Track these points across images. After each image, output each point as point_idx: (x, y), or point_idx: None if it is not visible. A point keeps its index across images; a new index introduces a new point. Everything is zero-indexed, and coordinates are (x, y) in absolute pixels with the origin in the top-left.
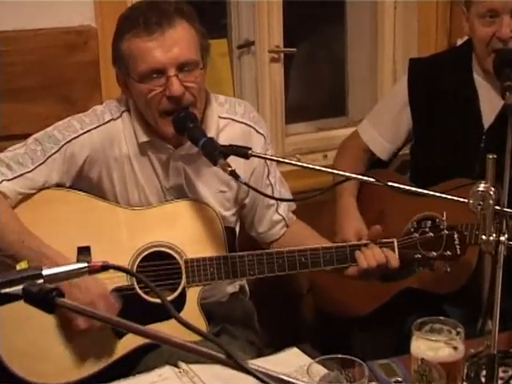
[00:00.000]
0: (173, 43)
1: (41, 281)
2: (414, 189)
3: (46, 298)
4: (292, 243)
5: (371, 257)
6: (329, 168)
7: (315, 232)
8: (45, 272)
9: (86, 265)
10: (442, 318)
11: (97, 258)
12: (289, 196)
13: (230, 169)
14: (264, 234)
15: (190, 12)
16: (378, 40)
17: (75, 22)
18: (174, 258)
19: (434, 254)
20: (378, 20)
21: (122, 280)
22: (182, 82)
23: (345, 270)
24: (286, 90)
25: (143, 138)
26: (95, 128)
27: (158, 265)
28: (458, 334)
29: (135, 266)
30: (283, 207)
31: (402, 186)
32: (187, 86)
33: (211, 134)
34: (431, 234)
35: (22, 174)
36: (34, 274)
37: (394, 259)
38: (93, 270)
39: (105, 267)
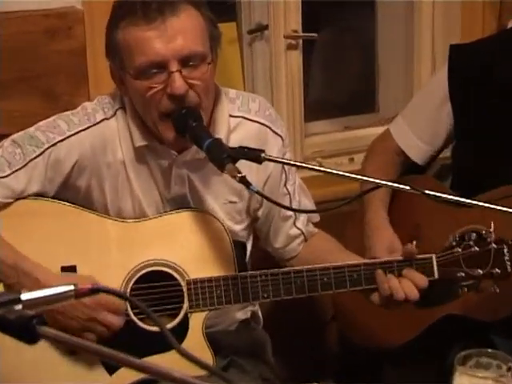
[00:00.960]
0: (176, 33)
1: (19, 307)
2: (456, 198)
3: (25, 326)
4: (312, 260)
5: (397, 287)
6: (356, 174)
7: (340, 245)
8: (24, 296)
9: (72, 288)
10: (489, 350)
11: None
12: (312, 206)
13: (239, 175)
14: (281, 250)
15: None
16: (413, 23)
17: (57, 3)
18: (175, 279)
19: (480, 272)
20: (415, 3)
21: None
22: (185, 78)
23: (371, 294)
24: (306, 82)
25: (140, 142)
26: (85, 129)
27: (156, 287)
28: (508, 369)
29: (129, 289)
30: (302, 219)
31: (441, 195)
32: (192, 83)
33: (221, 135)
34: (476, 249)
35: None
36: (11, 298)
37: (421, 280)
38: (80, 294)
39: (94, 290)
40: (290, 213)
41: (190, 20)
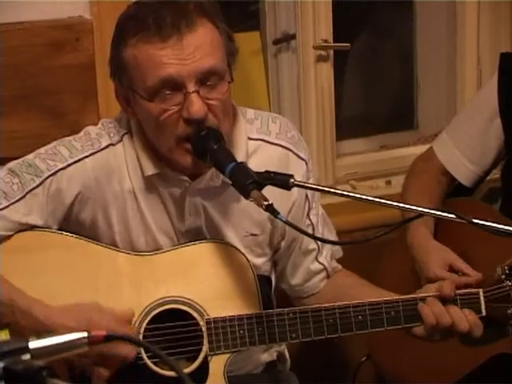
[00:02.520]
0: (193, 50)
1: (27, 356)
2: (507, 227)
3: (34, 379)
4: (336, 297)
5: (443, 311)
6: (394, 199)
7: (365, 280)
8: (32, 345)
9: (85, 335)
10: None
11: None
12: (333, 239)
13: (266, 203)
14: (299, 288)
15: (213, 8)
16: (456, 29)
17: (64, 14)
18: (193, 318)
19: None
20: (457, 5)
21: None
22: (203, 99)
23: (410, 331)
24: (337, 96)
25: (150, 171)
26: (89, 156)
27: (172, 327)
28: None
29: (142, 329)
30: (325, 254)
31: (490, 224)
32: (210, 103)
33: (239, 160)
34: None
35: None
36: (19, 347)
37: (477, 327)
38: (94, 342)
39: (109, 338)
40: (313, 246)
41: (207, 35)
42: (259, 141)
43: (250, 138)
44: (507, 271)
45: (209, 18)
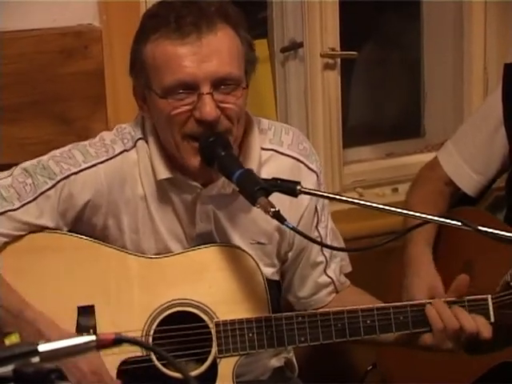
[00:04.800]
0: (211, 52)
1: (37, 359)
2: None
3: (43, 381)
4: None
5: (451, 316)
6: (400, 206)
7: (374, 298)
8: (42, 348)
9: (93, 338)
10: None
11: (103, 320)
12: (344, 256)
13: (273, 209)
14: (305, 300)
15: (236, 15)
16: (463, 40)
17: (73, 21)
18: (203, 321)
19: None
20: (464, 14)
21: (134, 349)
22: (217, 102)
23: (418, 339)
24: (344, 104)
25: (163, 175)
26: (102, 162)
27: (182, 329)
28: None
29: (152, 331)
30: (334, 267)
31: (497, 232)
32: (224, 107)
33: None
34: None
35: (4, 212)
36: (28, 350)
37: (485, 328)
38: (102, 345)
39: (117, 341)
40: (321, 259)
41: (227, 40)
42: (271, 151)
43: (262, 148)
44: None
45: (230, 25)
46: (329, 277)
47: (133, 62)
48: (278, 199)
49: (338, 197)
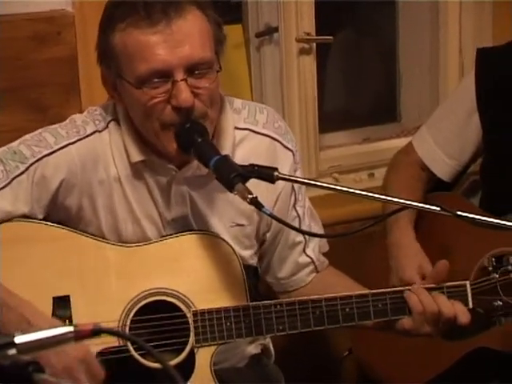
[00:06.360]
0: (182, 37)
1: (13, 351)
2: (492, 220)
3: (20, 374)
4: (322, 293)
5: (430, 299)
6: (377, 191)
7: (355, 282)
8: (18, 340)
9: (71, 329)
10: None
11: (79, 311)
12: (319, 233)
13: (250, 196)
14: (285, 281)
15: None
16: (438, 23)
17: (46, 7)
18: (180, 310)
19: None
20: None
21: (111, 340)
22: (191, 87)
23: (396, 324)
24: (320, 89)
25: (137, 157)
26: (74, 143)
27: (159, 319)
28: None
29: (129, 321)
30: (313, 246)
31: (476, 217)
32: (198, 92)
33: (226, 150)
34: None
35: None
36: (5, 342)
37: (463, 313)
38: (80, 336)
39: (96, 332)
40: (300, 238)
41: (196, 23)
42: (246, 130)
43: (236, 128)
44: (494, 263)
45: (198, 6)
46: (308, 256)
47: (101, 51)
48: (254, 180)
49: (315, 182)
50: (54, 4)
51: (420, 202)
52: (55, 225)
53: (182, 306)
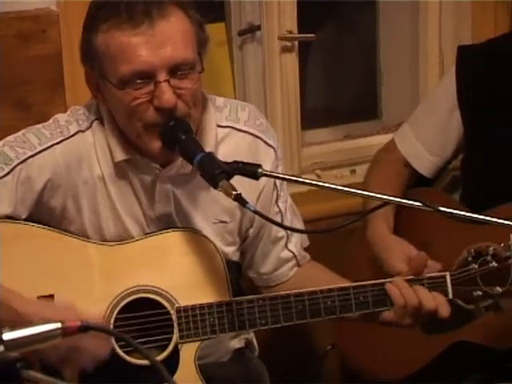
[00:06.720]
0: (165, 39)
1: (1, 348)
2: (473, 215)
3: (8, 370)
4: (304, 287)
5: (411, 293)
6: (358, 188)
7: (336, 275)
8: (5, 336)
9: (58, 326)
10: None
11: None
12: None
13: (234, 193)
14: (268, 276)
15: None
16: (419, 21)
17: (30, 5)
18: (163, 307)
19: (500, 289)
20: None
21: None
22: (174, 88)
23: (379, 315)
24: (303, 87)
25: (121, 156)
26: (58, 143)
27: (143, 316)
28: None
29: (113, 319)
30: (295, 242)
31: (457, 212)
32: (181, 93)
33: (209, 147)
34: (495, 265)
35: None
36: None
37: (444, 306)
38: (68, 333)
39: (83, 328)
40: (282, 234)
41: (179, 24)
42: (228, 128)
43: (219, 126)
44: (473, 254)
45: (180, 7)
46: (290, 251)
47: (85, 51)
48: (238, 177)
49: (297, 179)
50: (38, 3)
51: (403, 197)
52: (38, 225)
53: (166, 303)
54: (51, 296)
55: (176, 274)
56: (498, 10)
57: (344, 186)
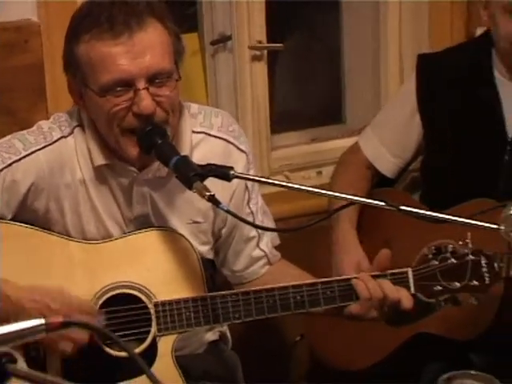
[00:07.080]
0: (143, 49)
1: None
2: (434, 214)
3: None
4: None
5: (375, 285)
6: (324, 188)
7: (305, 272)
8: None
9: (42, 322)
10: (473, 372)
11: None
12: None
13: (208, 194)
14: (240, 273)
15: (163, 9)
16: (379, 31)
17: (13, 16)
18: (142, 302)
19: (458, 284)
20: (380, 7)
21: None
22: (152, 96)
23: (344, 309)
24: (271, 93)
25: (100, 161)
26: (41, 148)
27: (122, 311)
28: None
29: None
30: (266, 241)
31: (418, 211)
32: (159, 100)
33: (184, 152)
34: (454, 261)
35: None
36: None
37: (407, 298)
38: (51, 328)
39: (66, 324)
40: (254, 233)
41: (157, 35)
42: (202, 134)
43: (193, 131)
44: (433, 252)
45: (158, 19)
46: (262, 250)
47: (67, 61)
48: (211, 179)
49: (267, 180)
50: (20, 14)
51: (367, 197)
52: (20, 224)
53: (144, 298)
54: None
55: (154, 271)
56: (454, 17)
57: (311, 187)
